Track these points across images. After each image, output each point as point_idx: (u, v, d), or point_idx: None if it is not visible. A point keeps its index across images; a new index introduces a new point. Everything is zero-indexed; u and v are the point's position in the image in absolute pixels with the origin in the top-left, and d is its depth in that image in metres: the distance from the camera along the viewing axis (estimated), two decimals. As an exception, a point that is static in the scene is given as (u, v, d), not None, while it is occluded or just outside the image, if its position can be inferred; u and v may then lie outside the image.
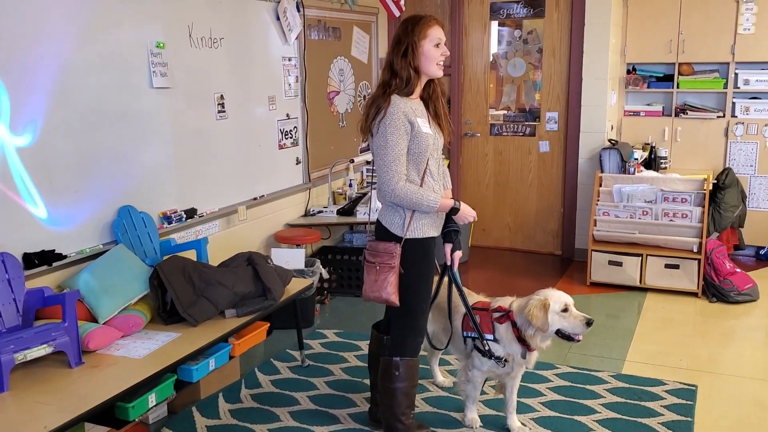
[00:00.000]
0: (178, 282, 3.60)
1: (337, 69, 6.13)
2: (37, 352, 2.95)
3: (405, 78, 3.09)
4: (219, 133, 4.72)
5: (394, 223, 3.17)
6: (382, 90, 3.12)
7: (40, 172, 3.48)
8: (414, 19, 3.14)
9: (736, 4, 6.08)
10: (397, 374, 3.25)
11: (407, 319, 3.26)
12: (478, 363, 3.48)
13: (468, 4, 6.81)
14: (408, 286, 3.19)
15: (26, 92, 3.38)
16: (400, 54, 3.09)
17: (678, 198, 5.67)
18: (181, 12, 4.32)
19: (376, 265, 3.16)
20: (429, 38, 3.10)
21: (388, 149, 3.05)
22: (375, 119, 3.08)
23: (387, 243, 3.15)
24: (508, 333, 3.38)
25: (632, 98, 6.76)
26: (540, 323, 3.26)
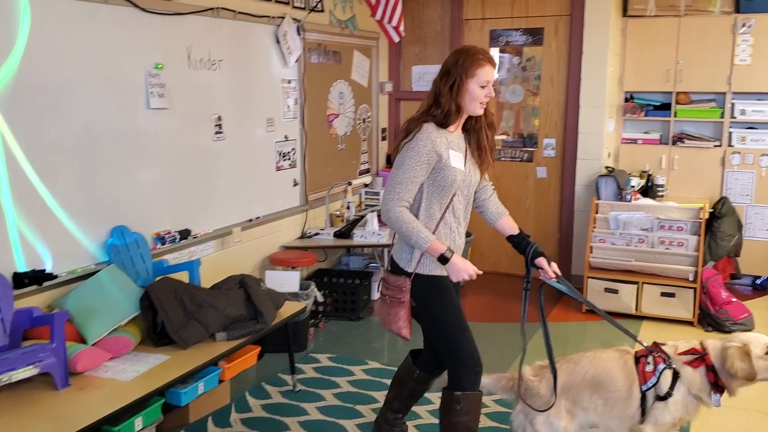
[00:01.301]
0: (169, 304, 3.59)
1: (336, 92, 6.16)
2: (23, 374, 2.94)
3: (446, 111, 3.02)
4: (216, 153, 4.74)
5: (402, 257, 3.11)
6: (419, 114, 3.08)
7: (34, 191, 3.49)
8: (466, 54, 3.04)
9: (732, 35, 6.12)
10: (458, 408, 3.12)
11: (449, 354, 3.14)
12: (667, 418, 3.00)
13: (468, 31, 6.85)
14: (432, 321, 3.13)
15: (22, 111, 3.40)
16: (447, 86, 3.02)
17: (674, 226, 5.66)
18: (181, 34, 4.35)
19: (387, 298, 3.14)
20: (477, 78, 3.01)
21: (400, 171, 2.99)
22: (402, 140, 3.03)
23: (397, 277, 3.10)
24: (702, 379, 2.99)
25: (630, 126, 6.78)
26: (746, 374, 2.89)
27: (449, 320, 3.12)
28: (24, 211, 3.45)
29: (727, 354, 2.94)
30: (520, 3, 6.60)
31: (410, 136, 3.00)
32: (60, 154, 3.61)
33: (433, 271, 3.10)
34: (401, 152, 3.01)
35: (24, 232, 3.45)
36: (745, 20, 6.06)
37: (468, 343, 3.12)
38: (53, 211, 3.60)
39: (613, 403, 3.10)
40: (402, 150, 3.01)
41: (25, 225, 3.46)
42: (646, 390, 3.03)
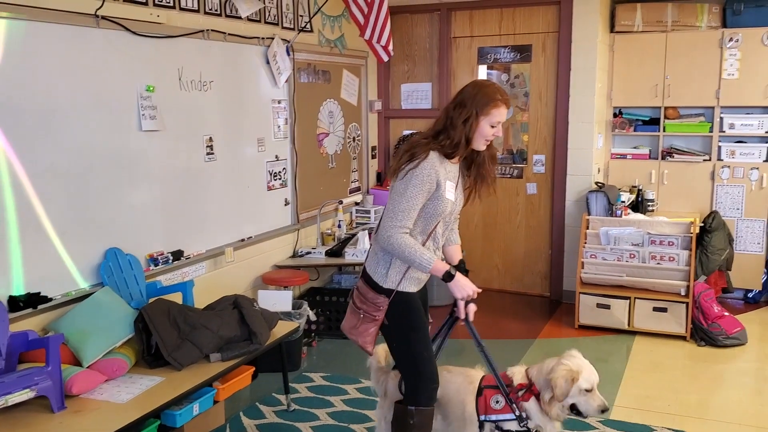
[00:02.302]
0: (162, 325, 3.58)
1: (326, 111, 6.18)
2: (19, 397, 2.92)
3: (455, 143, 3.02)
4: (207, 174, 4.74)
5: (377, 272, 3.11)
6: (426, 140, 3.04)
7: (27, 214, 3.48)
8: (485, 91, 3.04)
9: (720, 50, 6.19)
10: (412, 423, 3.15)
11: (412, 369, 3.17)
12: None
13: (456, 49, 6.90)
14: (401, 338, 3.15)
15: (14, 134, 3.40)
16: (461, 118, 3.01)
17: (665, 241, 5.69)
18: (172, 56, 4.36)
19: (360, 312, 3.13)
20: (490, 117, 3.02)
21: (403, 199, 2.97)
22: (406, 165, 2.99)
23: (377, 294, 3.09)
24: (535, 407, 3.17)
25: (619, 141, 6.84)
26: (561, 393, 3.09)
27: (417, 337, 3.15)
28: (18, 234, 3.43)
29: (556, 369, 3.11)
30: (507, 20, 6.66)
31: (415, 163, 2.97)
32: (53, 176, 3.61)
33: (408, 288, 3.12)
34: (404, 178, 2.98)
35: (18, 255, 3.44)
36: (733, 35, 6.13)
37: (430, 361, 3.18)
38: (47, 234, 3.59)
39: (450, 421, 3.32)
40: (406, 176, 2.97)
41: (20, 248, 3.44)
42: (485, 420, 3.21)
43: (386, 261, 3.09)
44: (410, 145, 3.05)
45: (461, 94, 3.08)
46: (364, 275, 3.17)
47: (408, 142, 3.09)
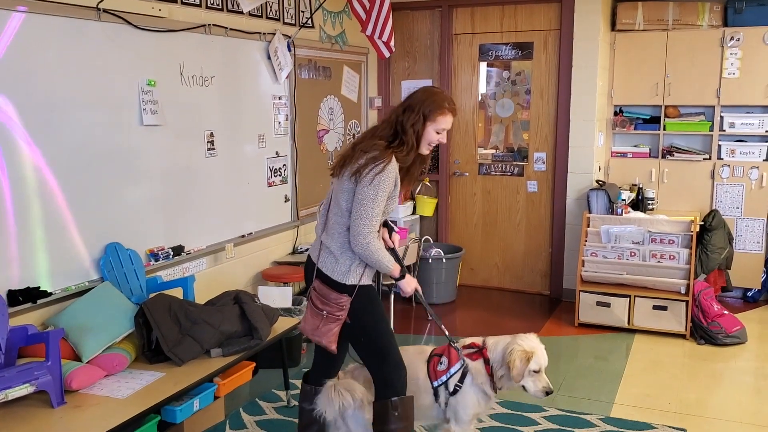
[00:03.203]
0: (163, 321, 3.56)
1: (326, 108, 6.17)
2: (18, 392, 2.91)
3: (409, 148, 3.08)
4: (208, 170, 4.72)
5: (337, 270, 3.11)
6: (384, 143, 3.06)
7: (27, 208, 3.46)
8: (434, 98, 3.11)
9: (720, 48, 6.18)
10: (396, 414, 3.17)
11: (383, 360, 3.21)
12: (463, 414, 3.32)
13: (457, 45, 6.89)
14: (367, 332, 3.19)
15: (15, 128, 3.38)
16: (409, 123, 3.06)
17: (665, 239, 5.69)
18: (173, 51, 4.35)
19: (323, 312, 3.13)
20: (436, 123, 3.10)
21: (375, 204, 3.01)
22: (370, 169, 3.00)
23: (339, 295, 3.10)
24: (481, 369, 3.32)
25: (619, 139, 6.83)
26: (517, 373, 3.23)
27: (380, 327, 3.21)
28: (17, 229, 3.42)
29: (513, 350, 3.25)
30: (509, 18, 6.65)
31: (380, 167, 2.99)
32: (53, 171, 3.59)
33: (366, 281, 3.16)
34: (372, 183, 2.99)
35: (18, 249, 3.42)
36: (734, 33, 6.12)
37: (395, 348, 3.24)
38: (47, 228, 3.57)
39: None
40: (373, 181, 2.99)
41: (19, 242, 3.43)
42: (437, 386, 3.34)
43: (347, 258, 3.11)
44: (373, 148, 3.06)
45: (410, 98, 3.15)
46: (320, 275, 3.16)
47: (364, 144, 3.10)
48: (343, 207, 3.10)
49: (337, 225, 3.13)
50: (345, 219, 3.10)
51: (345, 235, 3.10)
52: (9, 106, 3.35)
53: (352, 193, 3.07)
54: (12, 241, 3.40)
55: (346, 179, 3.09)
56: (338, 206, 3.12)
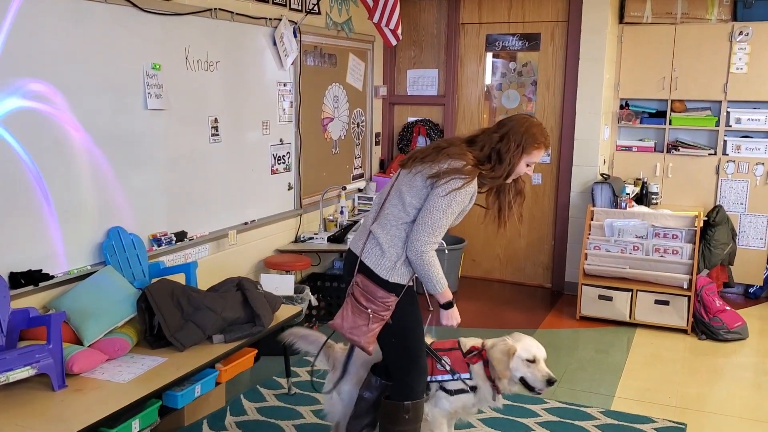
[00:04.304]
0: (166, 306, 3.55)
1: (331, 95, 6.14)
2: (19, 374, 2.90)
3: (498, 175, 3.00)
4: (212, 156, 4.70)
5: (381, 265, 2.99)
6: (473, 159, 2.96)
7: (30, 191, 3.45)
8: (533, 130, 3.01)
9: (729, 43, 6.15)
10: (407, 417, 3.12)
11: (410, 365, 3.14)
12: (445, 404, 3.32)
13: (464, 35, 6.85)
14: (402, 335, 3.11)
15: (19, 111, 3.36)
16: (509, 153, 2.97)
17: (669, 234, 5.67)
18: (178, 35, 4.32)
19: (368, 311, 2.99)
20: (530, 156, 3.02)
21: (443, 216, 2.91)
22: (448, 180, 2.90)
23: (387, 293, 2.98)
24: (481, 372, 3.30)
25: (624, 133, 6.80)
26: (500, 368, 3.22)
27: (417, 332, 3.15)
28: (20, 211, 3.40)
29: (494, 346, 3.28)
30: (516, 8, 6.61)
31: (460, 184, 2.89)
32: (56, 154, 3.57)
33: (405, 281, 3.06)
34: (447, 196, 2.89)
35: (20, 232, 3.41)
36: (743, 28, 6.09)
37: (424, 354, 3.20)
38: (49, 212, 3.56)
39: None
40: (449, 195, 2.89)
41: (21, 225, 3.41)
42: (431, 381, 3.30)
43: (394, 254, 2.99)
44: (457, 156, 2.95)
45: (507, 127, 3.02)
46: (365, 270, 3.03)
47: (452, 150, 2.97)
48: (406, 201, 2.98)
49: (392, 217, 3.01)
50: (404, 214, 2.99)
51: (399, 229, 2.99)
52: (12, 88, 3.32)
53: (422, 192, 2.97)
54: (13, 223, 3.38)
55: (419, 178, 2.98)
56: (401, 200, 3.00)
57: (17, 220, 3.39)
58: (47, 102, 3.50)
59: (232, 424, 3.95)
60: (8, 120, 3.31)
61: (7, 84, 3.31)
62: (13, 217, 3.37)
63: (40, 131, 3.48)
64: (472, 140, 3.06)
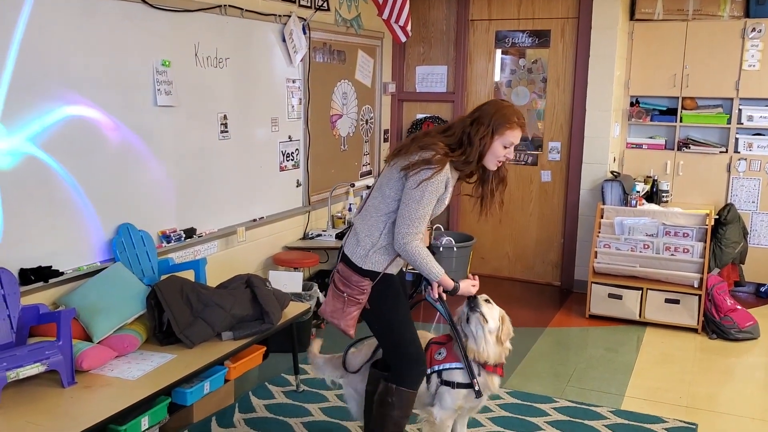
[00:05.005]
0: (175, 303, 3.55)
1: (340, 92, 6.12)
2: (30, 371, 2.90)
3: (469, 160, 3.02)
4: (221, 152, 4.69)
5: (356, 253, 3.07)
6: (444, 148, 2.99)
7: (40, 188, 3.44)
8: (503, 111, 3.04)
9: (741, 40, 6.10)
10: (390, 401, 3.16)
11: (395, 351, 3.18)
12: (449, 401, 3.25)
13: (474, 32, 6.82)
14: (382, 320, 3.14)
15: (29, 108, 3.35)
16: (477, 135, 3.00)
17: (680, 232, 5.64)
18: (188, 31, 4.31)
19: (344, 295, 3.09)
20: (503, 138, 3.02)
21: (420, 206, 2.95)
22: (418, 171, 2.94)
23: (361, 277, 3.06)
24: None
25: (635, 131, 6.76)
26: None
27: (398, 319, 3.16)
28: (30, 208, 3.40)
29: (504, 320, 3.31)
30: (526, 5, 6.57)
31: (429, 174, 2.93)
32: (66, 151, 3.57)
33: (389, 269, 3.11)
34: (419, 188, 2.93)
35: (30, 228, 3.40)
36: (755, 25, 6.03)
37: (413, 342, 3.19)
38: (59, 208, 3.55)
39: None
40: (420, 186, 2.93)
41: (31, 222, 3.41)
42: (430, 373, 3.28)
43: (367, 242, 3.07)
44: (428, 146, 3.00)
45: (479, 110, 3.08)
46: (344, 258, 3.13)
47: (424, 141, 3.03)
48: (385, 193, 3.05)
49: (372, 209, 3.09)
50: (383, 205, 3.06)
51: (376, 219, 3.06)
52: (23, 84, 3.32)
53: (398, 184, 3.02)
54: (24, 220, 3.38)
55: (395, 170, 3.03)
56: (381, 192, 3.08)
57: (27, 216, 3.39)
58: (57, 99, 3.49)
59: (241, 421, 3.94)
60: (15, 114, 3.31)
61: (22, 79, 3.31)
62: (22, 214, 3.37)
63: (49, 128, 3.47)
64: (448, 128, 3.11)
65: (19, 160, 3.34)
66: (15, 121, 3.31)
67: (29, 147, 3.38)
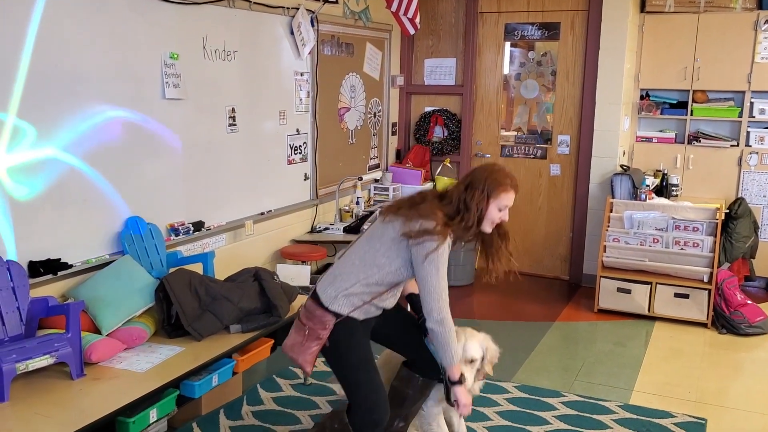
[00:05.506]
0: (183, 295, 3.55)
1: (348, 85, 6.11)
2: (39, 363, 2.91)
3: (469, 227, 3.00)
4: (229, 146, 4.69)
5: (326, 293, 3.02)
6: (443, 218, 2.96)
7: (49, 180, 3.45)
8: (495, 175, 3.04)
9: (754, 32, 6.04)
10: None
11: (353, 395, 3.05)
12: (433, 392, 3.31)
13: (483, 24, 6.79)
14: (341, 359, 3.05)
15: (37, 101, 3.35)
16: (473, 201, 2.99)
17: (690, 227, 5.61)
18: (196, 24, 4.30)
19: (306, 328, 3.04)
20: (498, 200, 3.02)
21: (440, 278, 2.92)
22: (422, 242, 2.90)
23: (324, 312, 2.99)
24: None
25: (645, 124, 6.72)
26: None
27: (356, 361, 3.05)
28: (39, 201, 3.41)
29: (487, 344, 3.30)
30: (536, -3, 6.55)
31: (435, 246, 2.90)
32: (74, 143, 3.57)
33: (354, 314, 3.01)
34: (428, 260, 2.89)
35: (39, 221, 3.41)
36: (768, 17, 5.99)
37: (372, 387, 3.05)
38: (68, 201, 3.56)
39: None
40: (428, 258, 2.89)
41: (40, 214, 3.41)
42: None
43: (339, 286, 3.00)
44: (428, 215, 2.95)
45: (471, 176, 3.07)
46: (314, 295, 3.08)
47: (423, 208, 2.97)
48: (375, 246, 3.00)
49: (356, 256, 3.04)
50: (368, 256, 3.00)
51: (358, 268, 3.00)
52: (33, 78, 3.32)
53: (393, 246, 2.97)
54: (33, 212, 3.38)
55: (391, 229, 2.99)
56: (370, 244, 3.03)
57: (36, 209, 3.40)
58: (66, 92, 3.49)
59: (249, 413, 3.95)
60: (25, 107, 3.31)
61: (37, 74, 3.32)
62: (31, 207, 3.37)
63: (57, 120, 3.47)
64: (444, 195, 3.08)
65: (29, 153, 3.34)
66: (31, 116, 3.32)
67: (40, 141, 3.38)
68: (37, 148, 3.37)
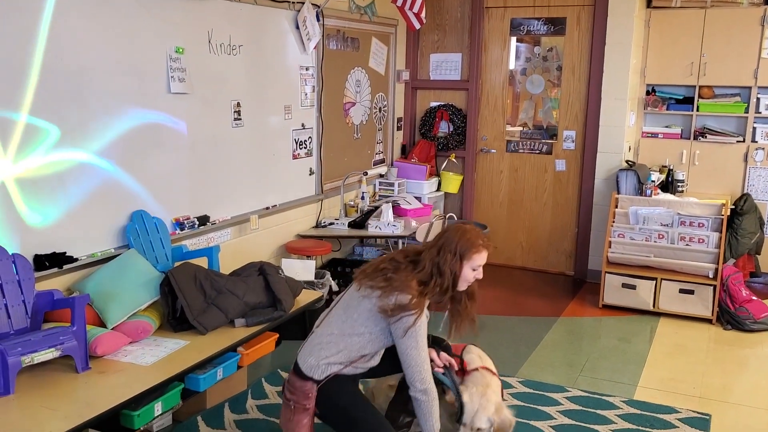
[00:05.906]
0: (189, 289, 3.56)
1: (354, 80, 6.10)
2: (44, 356, 2.91)
3: (444, 288, 3.01)
4: (234, 140, 4.69)
5: (307, 362, 3.02)
6: (417, 288, 2.96)
7: (54, 174, 3.46)
8: (467, 236, 3.05)
9: (761, 27, 6.02)
10: None
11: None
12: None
13: (488, 19, 6.77)
14: (339, 410, 3.04)
15: (43, 95, 3.36)
16: (446, 265, 2.99)
17: (695, 222, 5.59)
18: (201, 18, 4.30)
19: (291, 403, 3.02)
20: (471, 262, 3.04)
21: (420, 351, 2.94)
22: (399, 318, 2.90)
23: (304, 382, 2.99)
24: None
25: (651, 119, 6.70)
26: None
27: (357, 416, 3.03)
28: (44, 195, 3.41)
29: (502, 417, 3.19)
30: (542, -8, 6.53)
31: (413, 320, 2.90)
32: (80, 137, 3.57)
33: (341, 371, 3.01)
34: (407, 335, 2.90)
35: (44, 215, 3.42)
36: (776, 12, 5.96)
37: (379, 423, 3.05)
38: (73, 195, 3.57)
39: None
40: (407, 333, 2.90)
41: (46, 208, 3.42)
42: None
43: (320, 355, 3.00)
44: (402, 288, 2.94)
45: (443, 238, 3.07)
46: (295, 367, 3.08)
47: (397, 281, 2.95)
48: (352, 316, 3.01)
49: (334, 326, 3.04)
50: (346, 326, 3.01)
51: (337, 338, 3.01)
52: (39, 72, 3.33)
53: (369, 316, 2.97)
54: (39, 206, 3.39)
55: (366, 303, 2.99)
56: (346, 313, 3.04)
57: (42, 202, 3.40)
58: (73, 85, 3.50)
59: (254, 407, 3.96)
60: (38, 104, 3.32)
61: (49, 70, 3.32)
62: (37, 200, 3.38)
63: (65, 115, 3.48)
64: (416, 260, 3.06)
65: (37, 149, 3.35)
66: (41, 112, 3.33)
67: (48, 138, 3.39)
68: (44, 144, 3.38)
